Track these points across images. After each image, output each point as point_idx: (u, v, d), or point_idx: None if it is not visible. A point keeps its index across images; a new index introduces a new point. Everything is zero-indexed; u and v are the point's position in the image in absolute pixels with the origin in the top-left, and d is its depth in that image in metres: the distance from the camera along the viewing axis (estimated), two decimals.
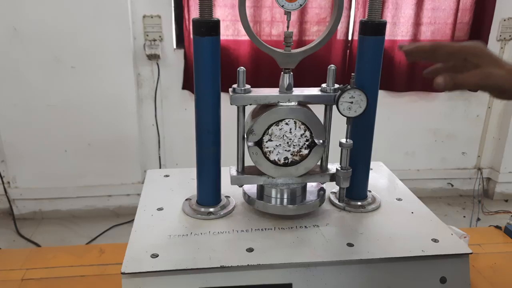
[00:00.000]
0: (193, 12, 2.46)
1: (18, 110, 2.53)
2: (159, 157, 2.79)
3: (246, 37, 2.51)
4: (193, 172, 1.10)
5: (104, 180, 2.74)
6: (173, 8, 2.56)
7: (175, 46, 2.62)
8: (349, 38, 2.57)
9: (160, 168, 2.80)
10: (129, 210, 2.80)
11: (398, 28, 2.58)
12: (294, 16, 2.54)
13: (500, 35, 2.76)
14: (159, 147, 2.77)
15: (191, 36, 2.50)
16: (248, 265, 0.78)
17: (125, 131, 2.65)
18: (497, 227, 2.42)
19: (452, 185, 3.09)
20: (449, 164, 3.05)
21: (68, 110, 2.56)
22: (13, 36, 2.39)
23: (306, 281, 0.80)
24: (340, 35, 2.57)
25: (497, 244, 2.10)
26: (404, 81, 2.60)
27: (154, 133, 2.74)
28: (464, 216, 2.81)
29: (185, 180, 1.09)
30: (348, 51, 2.65)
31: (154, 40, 2.54)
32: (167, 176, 1.12)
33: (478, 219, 2.80)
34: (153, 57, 2.55)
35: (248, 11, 2.48)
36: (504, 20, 2.73)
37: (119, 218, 2.78)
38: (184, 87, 2.65)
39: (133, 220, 2.90)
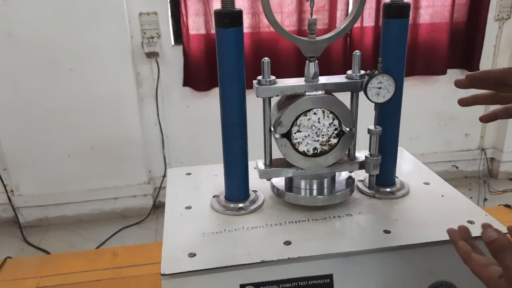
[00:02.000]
0: (190, 7, 2.43)
1: (17, 117, 2.49)
2: (164, 156, 2.76)
3: (248, 30, 2.50)
4: (215, 168, 1.09)
5: (109, 182, 2.71)
6: (169, 4, 2.52)
7: (173, 43, 2.58)
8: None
9: (165, 167, 2.78)
10: (137, 211, 2.78)
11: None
12: (292, 6, 2.52)
13: (498, 15, 2.76)
14: (163, 146, 2.74)
15: (189, 31, 2.49)
16: (288, 258, 0.77)
17: (128, 131, 2.63)
18: (507, 205, 2.44)
19: (457, 167, 3.10)
20: (453, 146, 3.06)
21: (68, 113, 2.53)
22: (8, 41, 2.34)
23: (346, 271, 0.79)
24: (339, 22, 2.55)
25: (509, 223, 2.11)
26: (405, 66, 2.59)
27: (157, 132, 2.71)
28: (471, 197, 2.82)
29: (208, 177, 1.07)
30: (348, 38, 2.63)
31: (152, 37, 2.51)
32: (189, 174, 1.10)
33: (485, 199, 2.82)
34: (152, 55, 2.52)
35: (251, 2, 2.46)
36: None
37: (127, 220, 2.76)
38: (184, 84, 2.63)
39: (141, 221, 2.89)
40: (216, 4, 2.43)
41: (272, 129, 0.88)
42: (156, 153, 2.77)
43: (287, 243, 0.81)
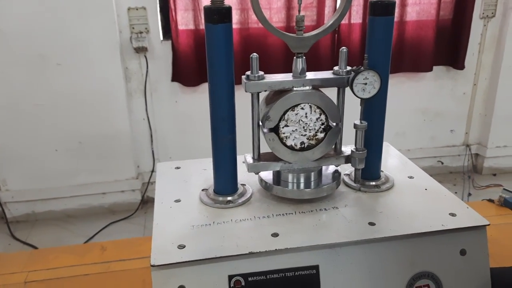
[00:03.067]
0: (179, 2, 2.43)
1: (5, 112, 2.47)
2: (152, 151, 2.76)
3: (237, 25, 2.51)
4: (204, 162, 1.11)
5: (98, 177, 2.71)
6: None
7: (162, 38, 2.58)
8: None
9: (153, 162, 2.78)
10: (125, 206, 2.78)
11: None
12: (280, 2, 2.53)
13: (483, 13, 2.80)
14: (151, 141, 2.74)
15: (178, 26, 2.48)
16: (276, 249, 0.79)
17: (116, 126, 2.62)
18: (490, 200, 2.49)
19: (442, 163, 3.15)
20: (438, 142, 3.11)
21: (56, 108, 2.51)
22: None
23: (332, 262, 0.81)
24: (327, 19, 2.57)
25: (491, 217, 2.15)
26: (392, 63, 2.62)
27: (145, 127, 2.71)
28: (456, 192, 2.87)
29: (197, 171, 1.08)
30: (336, 35, 2.66)
31: (141, 32, 2.50)
32: (178, 168, 1.12)
33: (470, 194, 2.87)
34: (141, 50, 2.51)
35: None
36: None
37: (115, 215, 2.75)
38: (173, 79, 2.63)
39: (130, 216, 2.88)
40: (205, 0, 2.44)
41: (260, 123, 0.90)
42: (144, 148, 2.77)
43: (275, 235, 0.83)
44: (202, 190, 0.98)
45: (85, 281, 1.92)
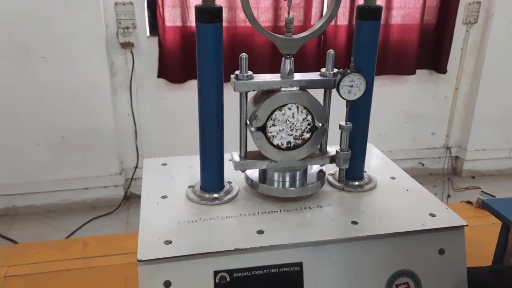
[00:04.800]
0: None
1: None
2: (136, 147, 2.75)
3: (225, 24, 2.51)
4: (190, 159, 1.12)
5: (80, 172, 2.68)
6: None
7: (148, 34, 2.57)
8: None
9: (137, 158, 2.77)
10: (107, 202, 2.76)
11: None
12: (268, 2, 2.55)
13: (466, 19, 2.87)
14: (136, 137, 2.73)
15: (165, 23, 2.48)
16: (261, 246, 0.80)
17: (100, 122, 2.60)
18: (468, 202, 2.56)
19: (423, 165, 3.21)
20: (420, 144, 3.17)
21: (40, 102, 2.48)
22: None
23: (315, 259, 0.83)
24: (314, 20, 2.60)
25: (469, 219, 2.22)
26: (376, 65, 2.67)
27: (130, 123, 2.69)
28: (436, 194, 2.93)
29: (183, 168, 1.09)
30: (322, 36, 2.68)
31: (127, 28, 2.49)
32: (164, 164, 1.12)
33: (449, 196, 2.94)
34: (127, 45, 2.50)
35: None
36: (469, 4, 2.83)
37: (97, 211, 2.73)
38: (159, 76, 2.62)
39: (112, 212, 2.86)
40: None
41: (248, 122, 0.91)
42: (128, 144, 2.75)
43: (260, 232, 0.84)
44: (189, 187, 0.99)
45: (66, 276, 1.91)
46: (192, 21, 2.47)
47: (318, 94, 0.93)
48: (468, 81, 3.05)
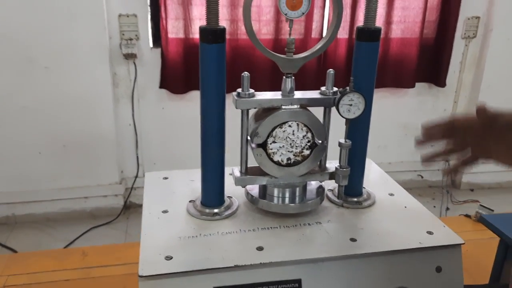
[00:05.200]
0: (170, 11, 2.45)
1: None
2: (137, 157, 2.76)
3: (226, 36, 2.54)
4: (191, 173, 1.13)
5: (80, 181, 2.69)
6: (149, 7, 2.54)
7: (151, 45, 2.60)
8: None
9: (138, 168, 2.78)
10: (107, 211, 2.77)
11: None
12: (270, 15, 2.58)
13: (465, 33, 2.90)
14: (136, 147, 2.75)
15: (168, 35, 2.51)
16: (260, 263, 0.81)
17: (102, 131, 2.62)
18: (467, 215, 2.56)
19: (422, 177, 3.22)
20: (419, 156, 3.16)
21: (42, 111, 2.50)
22: None
23: (314, 276, 0.84)
24: (315, 33, 2.63)
25: (468, 232, 2.22)
26: (376, 78, 2.70)
27: (131, 133, 2.72)
28: (434, 206, 2.95)
29: (184, 182, 1.10)
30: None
31: (131, 39, 2.51)
32: (166, 178, 1.13)
33: (447, 209, 2.94)
34: (130, 56, 2.53)
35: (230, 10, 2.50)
36: (468, 18, 2.87)
37: (96, 220, 2.74)
38: (161, 86, 2.64)
39: (111, 221, 2.87)
40: (196, 10, 2.47)
41: (249, 138, 0.93)
42: (129, 153, 2.77)
43: (260, 248, 0.85)
44: (190, 201, 1.01)
45: (65, 286, 1.91)
46: (194, 33, 2.51)
47: (318, 112, 0.95)
48: (467, 95, 3.08)
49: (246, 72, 0.89)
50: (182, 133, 2.70)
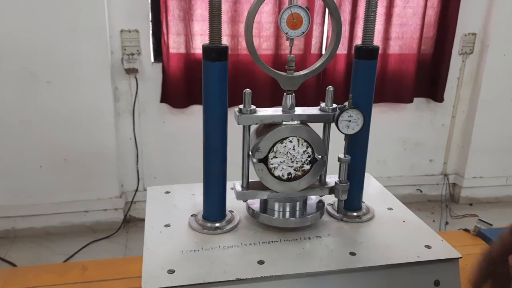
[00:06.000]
0: (172, 27, 2.49)
1: None
2: (137, 170, 2.78)
3: None
4: (193, 187, 1.14)
5: (81, 195, 2.70)
6: (150, 23, 2.58)
7: (153, 60, 2.63)
8: (323, 52, 2.68)
9: (138, 182, 2.80)
10: (107, 225, 2.77)
11: None
12: (270, 31, 2.62)
13: (462, 49, 2.94)
14: (137, 161, 2.76)
15: (170, 50, 2.54)
16: (261, 276, 0.82)
17: (103, 145, 2.64)
18: (466, 230, 2.57)
19: (421, 191, 3.24)
20: (418, 171, 3.20)
21: (44, 125, 2.53)
22: None
23: None
24: (314, 49, 2.67)
25: (467, 247, 2.22)
26: (375, 93, 2.73)
27: (131, 147, 2.73)
28: (434, 221, 2.96)
29: (186, 196, 1.12)
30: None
31: (132, 54, 2.55)
32: (167, 192, 1.15)
33: (447, 223, 2.95)
34: (131, 71, 2.56)
35: (231, 26, 2.55)
36: (465, 35, 2.91)
37: (96, 234, 2.74)
38: (162, 101, 2.67)
39: (111, 235, 2.87)
40: (197, 25, 2.51)
41: (250, 154, 0.95)
42: (129, 167, 2.78)
43: (261, 262, 0.87)
44: (191, 215, 1.02)
45: None
46: (195, 48, 2.54)
47: (318, 127, 0.97)
48: (465, 110, 3.11)
49: (248, 89, 0.91)
50: (182, 147, 2.72)
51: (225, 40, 2.56)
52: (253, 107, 0.92)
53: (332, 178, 1.02)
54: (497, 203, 3.26)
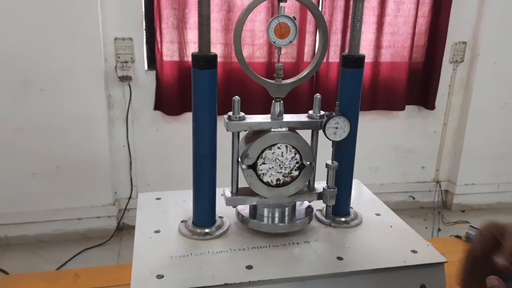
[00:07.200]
0: (165, 35, 2.51)
1: None
2: (131, 178, 2.78)
3: (220, 59, 2.60)
4: (184, 194, 1.16)
5: (74, 203, 2.70)
6: (144, 31, 2.60)
7: (146, 68, 2.65)
8: None
9: (131, 189, 2.80)
10: (100, 233, 2.77)
11: (360, 51, 2.74)
12: (263, 39, 2.64)
13: (453, 58, 2.98)
14: (130, 168, 2.77)
15: (163, 58, 2.56)
16: (249, 281, 0.84)
17: (96, 152, 2.64)
18: (457, 236, 2.59)
19: (414, 198, 3.26)
20: (410, 178, 3.22)
21: (37, 132, 2.53)
22: None
23: None
24: (307, 57, 2.69)
25: (458, 253, 2.25)
26: (367, 101, 2.76)
27: (125, 154, 2.74)
28: (426, 227, 2.97)
29: (176, 203, 1.13)
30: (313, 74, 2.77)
31: (126, 62, 2.56)
32: (158, 199, 1.16)
33: (439, 230, 2.97)
34: (125, 79, 2.57)
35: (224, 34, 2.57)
36: (456, 43, 2.95)
37: (89, 242, 2.74)
38: (156, 108, 2.68)
39: (104, 243, 2.87)
40: (191, 33, 2.53)
41: (240, 160, 0.96)
42: (123, 174, 2.79)
43: (249, 267, 0.88)
44: (181, 221, 1.03)
45: None
46: (189, 56, 2.56)
47: (306, 134, 0.99)
48: (456, 117, 3.15)
49: (237, 97, 0.93)
50: (176, 155, 2.73)
51: (218, 48, 2.58)
52: (242, 114, 0.94)
53: (320, 184, 1.03)
54: (489, 209, 3.28)
